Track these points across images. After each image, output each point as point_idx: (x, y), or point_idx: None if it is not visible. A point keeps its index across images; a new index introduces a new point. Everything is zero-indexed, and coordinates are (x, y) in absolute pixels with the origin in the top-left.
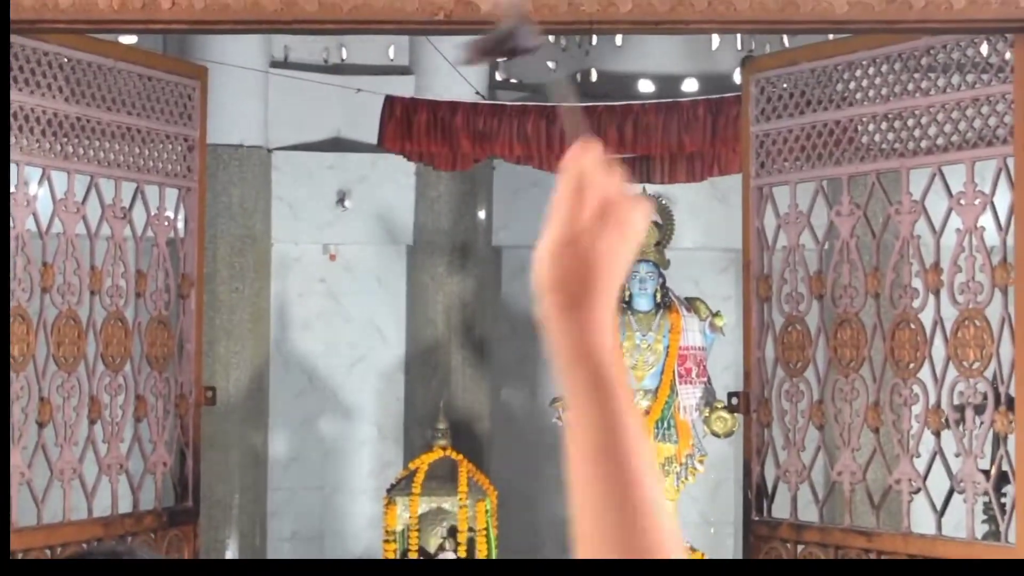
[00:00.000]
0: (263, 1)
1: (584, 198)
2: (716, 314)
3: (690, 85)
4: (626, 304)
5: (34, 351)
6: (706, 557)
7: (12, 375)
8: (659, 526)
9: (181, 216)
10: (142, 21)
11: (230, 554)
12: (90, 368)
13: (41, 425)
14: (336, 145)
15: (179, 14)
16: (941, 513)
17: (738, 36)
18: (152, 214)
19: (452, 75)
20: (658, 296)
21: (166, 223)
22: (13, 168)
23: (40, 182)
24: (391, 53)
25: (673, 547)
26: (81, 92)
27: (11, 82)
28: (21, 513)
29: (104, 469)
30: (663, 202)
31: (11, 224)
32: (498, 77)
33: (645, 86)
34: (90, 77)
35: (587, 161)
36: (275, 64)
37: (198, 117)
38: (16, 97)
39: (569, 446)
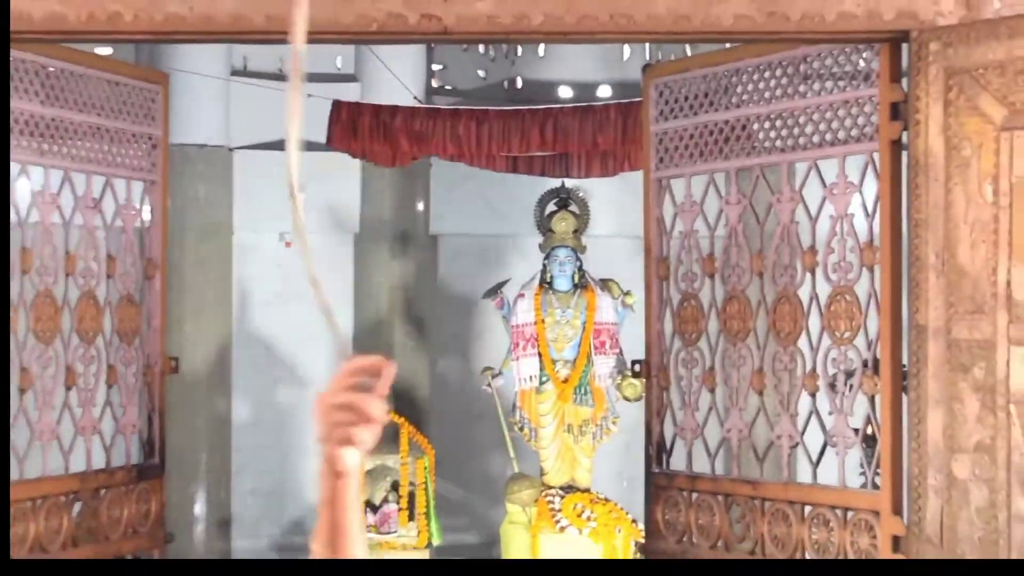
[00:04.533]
0: (215, 15)
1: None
2: (627, 293)
3: (604, 91)
4: (548, 284)
5: (16, 326)
6: (619, 505)
7: None
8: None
9: (147, 207)
10: (108, 32)
11: (198, 507)
12: (65, 341)
13: (23, 391)
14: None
15: (140, 26)
16: (816, 464)
17: (646, 47)
18: (120, 204)
19: (393, 82)
20: (576, 277)
21: (133, 212)
22: None
23: (18, 176)
24: (338, 63)
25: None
26: (55, 96)
27: None
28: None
29: (79, 430)
30: (580, 194)
31: None
32: (434, 84)
33: (564, 92)
34: (63, 82)
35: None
36: (235, 72)
37: (160, 118)
38: None
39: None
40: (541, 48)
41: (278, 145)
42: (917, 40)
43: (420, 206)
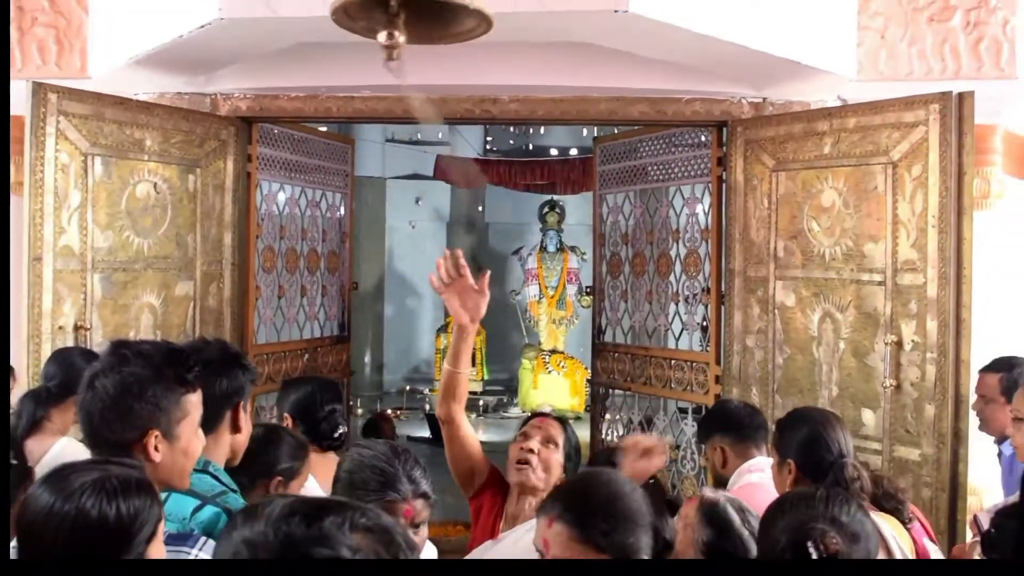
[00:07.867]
0: (378, 109)
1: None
2: (584, 252)
3: (573, 151)
4: (544, 248)
5: (277, 266)
6: (578, 359)
7: (265, 275)
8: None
9: (343, 206)
10: (324, 117)
11: (366, 358)
12: (300, 272)
13: (280, 297)
14: (415, 176)
15: (341, 114)
16: (678, 339)
17: (595, 128)
18: (330, 204)
19: (466, 145)
20: (559, 244)
21: (335, 208)
22: (266, 184)
23: (279, 190)
24: (439, 135)
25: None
26: (298, 149)
27: (259, 143)
28: (270, 336)
29: (307, 317)
30: (561, 203)
31: (263, 208)
32: (487, 146)
33: (553, 151)
34: (302, 143)
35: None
36: (388, 140)
37: (350, 161)
38: (266, 151)
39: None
40: (542, 128)
41: (408, 176)
42: (731, 126)
43: (480, 207)
